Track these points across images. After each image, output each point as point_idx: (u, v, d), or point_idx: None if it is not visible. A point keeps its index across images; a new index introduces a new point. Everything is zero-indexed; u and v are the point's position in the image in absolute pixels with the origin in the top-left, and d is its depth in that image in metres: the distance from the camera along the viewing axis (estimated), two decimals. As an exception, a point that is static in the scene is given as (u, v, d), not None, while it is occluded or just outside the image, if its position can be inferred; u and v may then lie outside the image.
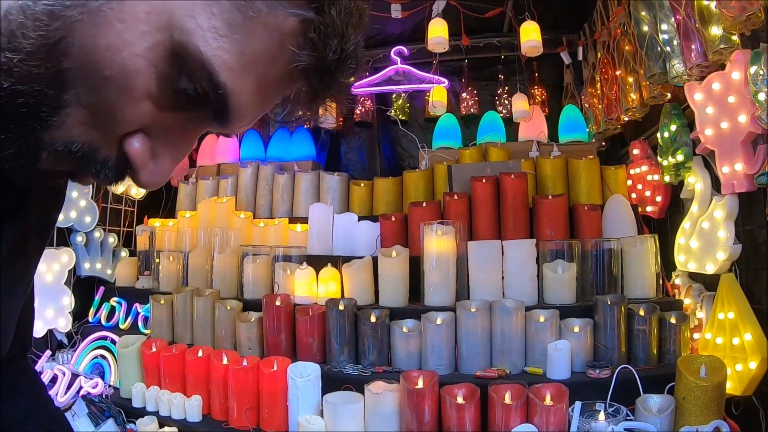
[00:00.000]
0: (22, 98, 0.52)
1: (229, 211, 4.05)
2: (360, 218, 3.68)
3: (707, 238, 2.86)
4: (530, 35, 3.89)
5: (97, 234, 4.24)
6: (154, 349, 3.10)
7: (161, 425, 2.82)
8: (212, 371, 2.85)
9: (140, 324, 3.76)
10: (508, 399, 2.33)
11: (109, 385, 3.46)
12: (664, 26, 2.96)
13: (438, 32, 3.96)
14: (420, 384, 2.40)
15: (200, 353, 2.95)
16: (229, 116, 0.59)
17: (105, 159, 0.58)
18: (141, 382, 3.10)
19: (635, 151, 3.78)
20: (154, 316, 3.43)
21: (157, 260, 3.86)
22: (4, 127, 0.53)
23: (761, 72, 2.27)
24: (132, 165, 0.59)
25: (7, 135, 0.54)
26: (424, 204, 3.45)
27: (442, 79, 4.56)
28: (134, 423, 2.91)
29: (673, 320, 2.72)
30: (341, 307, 2.79)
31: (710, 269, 2.84)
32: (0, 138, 0.54)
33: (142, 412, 2.96)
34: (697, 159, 3.01)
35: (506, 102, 4.87)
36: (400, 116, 5.07)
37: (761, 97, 2.27)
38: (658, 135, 3.27)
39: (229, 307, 3.13)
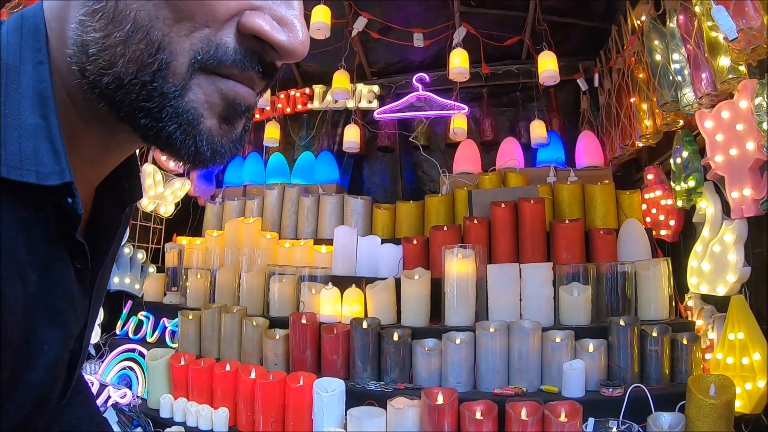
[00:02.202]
0: (130, 70, 0.54)
1: (256, 231, 4.18)
2: (383, 241, 3.80)
3: (718, 261, 2.92)
4: (547, 65, 4.01)
5: (126, 250, 4.39)
6: (182, 363, 3.22)
7: None
8: (240, 385, 2.96)
9: (167, 338, 3.86)
10: (524, 415, 2.42)
11: (137, 396, 3.57)
12: (675, 56, 3.05)
13: (459, 62, 4.09)
14: (440, 400, 2.51)
15: (228, 367, 3.07)
16: None
17: (233, 50, 0.56)
18: (169, 394, 3.22)
19: (649, 176, 3.85)
20: (182, 330, 3.55)
21: (185, 277, 3.98)
22: (146, 109, 0.56)
23: (764, 103, 2.37)
24: (264, 37, 0.57)
25: (156, 117, 0.56)
26: (445, 228, 3.56)
27: (463, 106, 4.68)
28: None
29: (685, 341, 2.79)
30: (365, 326, 2.91)
31: (721, 291, 2.90)
32: (157, 126, 0.56)
33: (169, 423, 3.08)
34: (708, 184, 3.08)
35: (524, 128, 4.96)
36: (422, 141, 5.19)
37: (765, 126, 2.36)
38: (671, 161, 3.34)
39: (255, 324, 3.24)
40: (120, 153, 0.70)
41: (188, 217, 5.31)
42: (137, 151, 0.77)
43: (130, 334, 4.03)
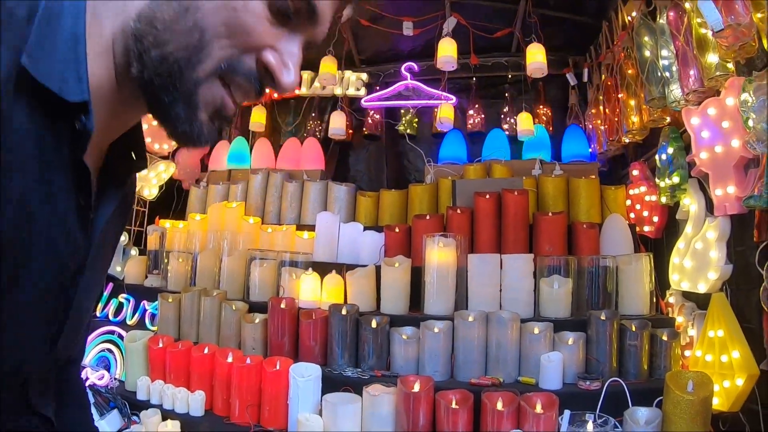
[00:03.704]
0: (177, 54, 0.69)
1: (239, 215, 4.15)
2: (365, 228, 3.78)
3: (700, 259, 2.93)
4: (536, 57, 4.00)
5: (109, 232, 4.33)
6: (160, 345, 3.19)
7: (164, 418, 2.89)
8: (216, 368, 2.94)
9: (147, 321, 3.83)
10: (500, 406, 2.41)
11: (115, 378, 3.53)
12: (664, 52, 3.05)
13: (447, 51, 4.07)
14: (416, 388, 2.49)
15: (206, 350, 3.04)
16: (317, 19, 0.76)
17: (249, 69, 0.74)
18: (146, 376, 3.19)
19: (635, 172, 3.86)
20: (161, 313, 3.52)
21: (166, 260, 3.95)
22: (170, 87, 0.70)
23: (749, 99, 2.36)
24: (272, 71, 0.74)
25: (174, 96, 0.71)
26: (428, 217, 3.54)
27: (450, 96, 4.67)
28: (138, 415, 2.98)
29: (664, 337, 2.79)
30: (344, 313, 2.89)
31: (702, 288, 2.92)
32: (170, 102, 0.71)
33: (146, 405, 3.04)
34: (692, 181, 3.09)
35: (511, 120, 4.97)
36: (408, 131, 5.19)
37: (751, 123, 2.35)
38: (656, 157, 3.35)
39: (235, 308, 3.22)
40: (123, 121, 0.82)
41: (172, 200, 5.28)
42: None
43: (110, 317, 4.00)
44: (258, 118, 5.16)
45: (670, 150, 3.22)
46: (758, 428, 2.53)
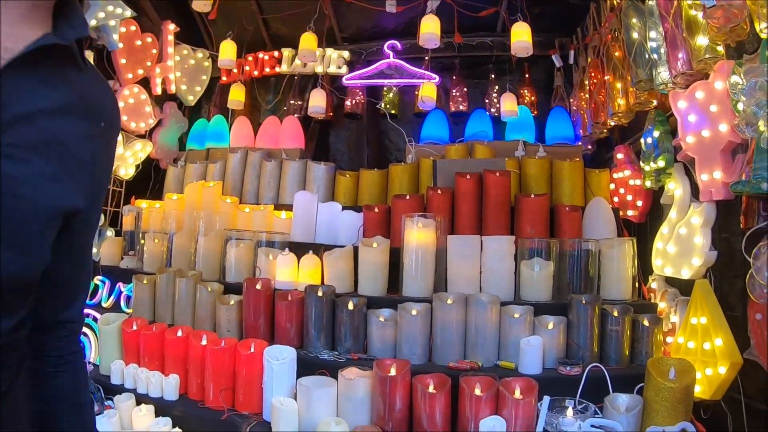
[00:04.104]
0: None
1: (216, 195, 4.07)
2: (344, 208, 3.72)
3: (684, 244, 2.90)
4: (521, 36, 3.93)
5: (83, 213, 4.23)
6: (134, 328, 3.11)
7: (138, 402, 2.83)
8: (190, 351, 2.87)
9: (123, 303, 3.74)
10: (478, 391, 2.37)
11: (89, 362, 3.46)
12: (652, 34, 3.00)
13: (430, 28, 3.99)
14: (392, 372, 2.44)
15: (180, 333, 2.97)
16: None
17: None
18: (120, 360, 3.11)
19: (619, 156, 3.82)
20: (136, 295, 3.45)
21: (142, 241, 3.87)
22: None
23: (739, 82, 2.31)
24: None
25: None
26: (408, 197, 3.49)
27: (433, 75, 4.61)
28: (112, 399, 2.91)
29: (646, 323, 2.76)
30: (320, 294, 2.82)
31: (686, 274, 2.88)
32: None
33: (120, 389, 2.97)
34: (678, 166, 3.05)
35: (495, 101, 4.91)
36: (390, 110, 5.11)
37: (740, 107, 2.30)
38: (642, 141, 3.31)
39: (210, 289, 3.15)
40: None
41: (149, 180, 5.16)
42: None
43: (85, 300, 3.89)
44: (237, 95, 5.06)
45: (656, 133, 3.18)
46: (740, 417, 2.51)
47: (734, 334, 2.55)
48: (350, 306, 2.78)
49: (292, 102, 5.35)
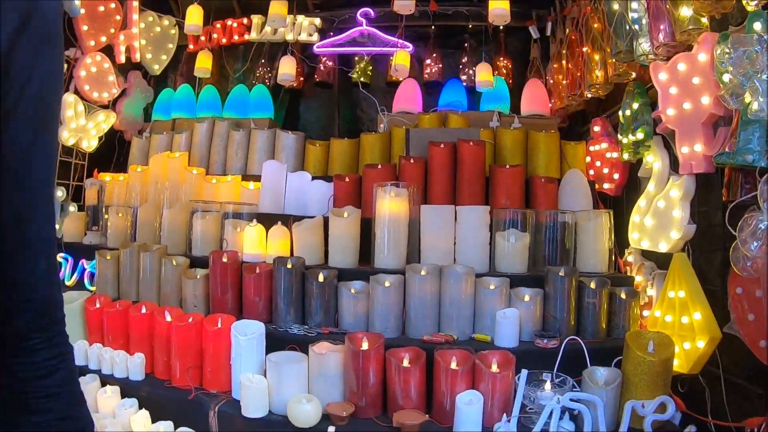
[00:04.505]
0: None
1: (182, 166, 3.93)
2: (314, 178, 3.62)
3: (662, 217, 2.87)
4: (499, 3, 3.84)
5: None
6: (97, 306, 2.99)
7: (103, 384, 2.71)
8: (156, 328, 2.76)
9: (86, 280, 3.64)
10: (454, 364, 2.32)
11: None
12: (634, 5, 2.95)
13: (405, -7, 3.88)
14: (365, 346, 2.36)
15: (144, 310, 2.86)
16: None
17: None
18: (84, 340, 2.99)
19: (596, 128, 3.78)
20: (99, 271, 3.34)
21: (106, 215, 3.74)
22: None
23: (726, 50, 2.26)
24: None
25: None
26: (380, 166, 3.40)
27: (407, 44, 4.51)
28: None
29: (623, 295, 2.73)
30: (289, 266, 2.73)
31: (663, 248, 2.87)
32: None
33: (84, 371, 2.84)
34: (657, 138, 3.02)
35: (470, 71, 4.84)
36: (362, 79, 5.01)
37: (726, 78, 2.25)
38: (620, 113, 3.27)
39: (175, 263, 3.04)
40: None
41: (113, 153, 4.98)
42: None
43: (48, 278, 3.75)
44: (203, 63, 4.90)
45: (635, 105, 3.14)
46: (719, 391, 2.50)
47: (712, 308, 2.53)
48: (320, 278, 2.70)
49: (261, 71, 5.21)
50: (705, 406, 2.51)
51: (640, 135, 3.09)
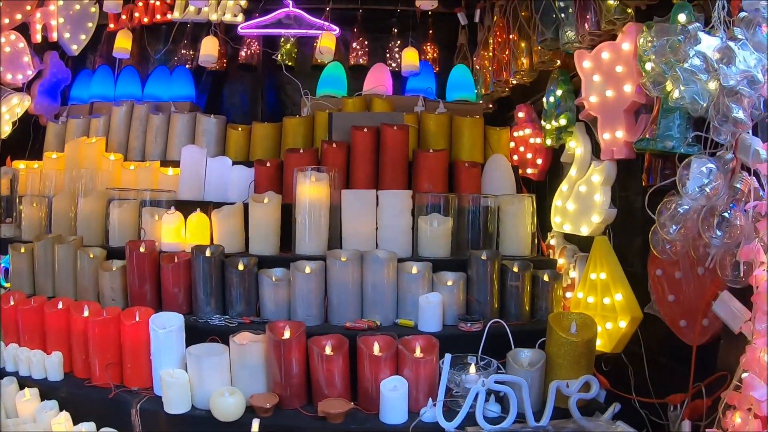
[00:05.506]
0: None
1: (99, 152, 3.79)
2: (235, 163, 3.55)
3: (584, 202, 2.95)
4: (427, -11, 3.84)
5: (-49, 178, 3.86)
6: (11, 303, 2.85)
7: (21, 386, 2.59)
8: (72, 325, 2.64)
9: (1, 277, 3.45)
10: (377, 350, 2.32)
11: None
12: (561, -6, 3.01)
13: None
14: (286, 335, 2.33)
15: (60, 305, 2.74)
16: None
17: None
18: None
19: (520, 114, 3.85)
20: (14, 266, 3.21)
21: (21, 206, 3.59)
22: None
23: (650, 39, 2.33)
24: None
25: None
26: (301, 151, 3.36)
27: (334, 27, 4.47)
28: None
29: (546, 278, 2.79)
30: (208, 254, 2.67)
31: (585, 231, 2.95)
32: None
33: (1, 373, 2.71)
34: (579, 125, 3.10)
35: (397, 56, 4.83)
36: (287, 61, 4.92)
37: (648, 66, 2.33)
38: (544, 99, 3.34)
39: (92, 255, 2.92)
40: None
41: (27, 139, 4.75)
42: None
43: (-41, 275, 3.56)
44: (123, 43, 4.68)
45: (559, 92, 3.22)
46: (642, 370, 2.60)
47: (633, 290, 2.63)
48: (240, 266, 2.65)
49: (183, 52, 5.02)
50: (629, 384, 2.60)
51: (563, 121, 3.17)
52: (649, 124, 2.42)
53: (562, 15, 3.02)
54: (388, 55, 4.94)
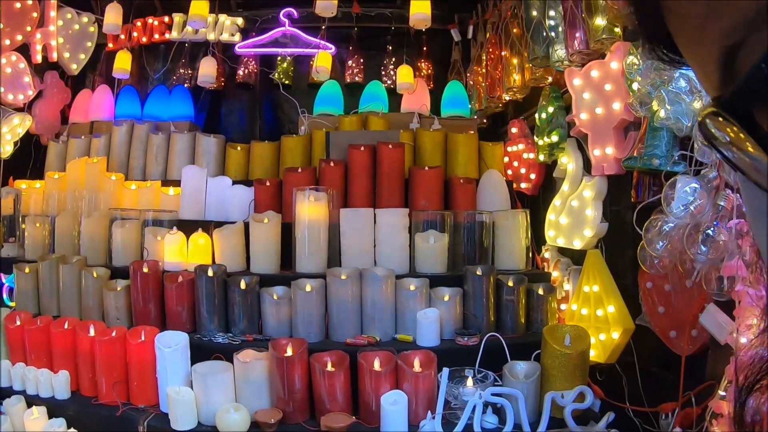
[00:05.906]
0: None
1: (100, 172, 3.81)
2: (235, 182, 3.59)
3: (576, 216, 3.01)
4: (420, 8, 3.93)
5: (-47, 198, 3.90)
6: (18, 323, 2.89)
7: (29, 405, 2.62)
8: (78, 344, 2.68)
9: (5, 296, 3.51)
10: (377, 366, 2.37)
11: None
12: (551, 12, 3.08)
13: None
14: (289, 352, 2.39)
15: (66, 325, 2.77)
16: None
17: None
18: (6, 359, 2.89)
19: (513, 130, 3.91)
20: (18, 286, 3.23)
21: (23, 225, 3.62)
22: None
23: (636, 62, 2.39)
24: None
25: None
26: (300, 170, 3.41)
27: (329, 45, 4.53)
28: (1, 404, 2.70)
29: (540, 291, 2.85)
30: (210, 274, 2.72)
31: (578, 245, 3.00)
32: None
33: (8, 392, 2.75)
34: (571, 141, 3.15)
35: (392, 73, 4.89)
36: (284, 80, 4.98)
37: (635, 86, 2.39)
38: (536, 116, 3.39)
39: (96, 275, 2.95)
40: None
41: (29, 158, 4.79)
42: None
43: (-36, 295, 3.59)
44: (122, 63, 4.74)
45: (551, 109, 3.27)
46: (635, 379, 2.65)
47: (625, 302, 2.68)
48: (242, 285, 2.70)
49: (182, 71, 5.09)
50: (622, 393, 2.63)
51: (555, 137, 3.21)
52: (636, 142, 2.49)
53: (552, 33, 3.07)
54: (383, 73, 5.00)
